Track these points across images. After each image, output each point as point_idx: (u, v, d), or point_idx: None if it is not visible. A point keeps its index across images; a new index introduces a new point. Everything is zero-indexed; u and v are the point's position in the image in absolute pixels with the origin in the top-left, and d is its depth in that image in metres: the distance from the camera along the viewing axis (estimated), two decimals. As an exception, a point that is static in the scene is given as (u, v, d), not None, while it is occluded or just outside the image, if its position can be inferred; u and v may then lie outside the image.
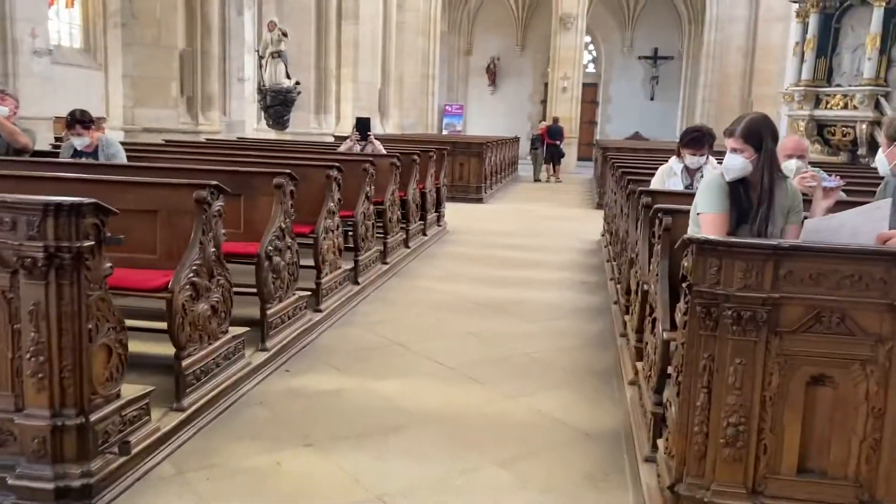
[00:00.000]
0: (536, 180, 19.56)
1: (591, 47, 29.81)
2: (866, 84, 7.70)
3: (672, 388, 2.65)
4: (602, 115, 30.23)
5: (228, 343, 3.70)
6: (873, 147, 7.95)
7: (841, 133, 8.21)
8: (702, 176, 4.50)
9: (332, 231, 5.28)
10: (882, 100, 7.71)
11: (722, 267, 2.20)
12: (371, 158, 6.47)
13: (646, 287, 3.65)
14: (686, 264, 2.36)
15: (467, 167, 13.24)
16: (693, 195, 3.13)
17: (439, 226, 9.31)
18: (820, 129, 8.48)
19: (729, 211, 2.81)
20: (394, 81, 21.99)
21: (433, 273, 6.98)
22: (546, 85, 29.33)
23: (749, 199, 2.81)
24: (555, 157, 19.33)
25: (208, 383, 3.48)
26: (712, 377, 2.27)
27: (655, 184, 4.66)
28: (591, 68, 29.68)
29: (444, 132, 27.40)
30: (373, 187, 6.21)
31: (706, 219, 2.84)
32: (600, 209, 12.61)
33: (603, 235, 9.00)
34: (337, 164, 5.43)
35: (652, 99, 29.73)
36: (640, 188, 4.65)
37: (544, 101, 29.58)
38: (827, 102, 8.26)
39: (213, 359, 3.54)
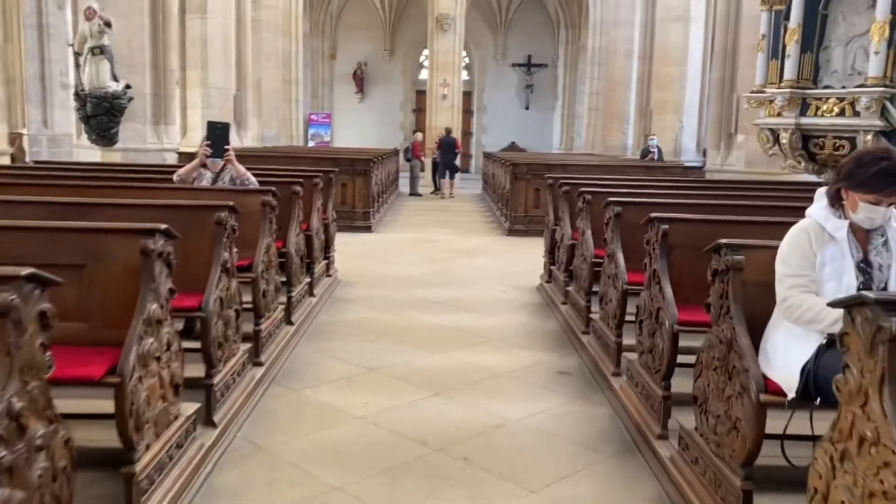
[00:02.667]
0: (413, 194, 17.48)
1: (462, 54, 28.17)
2: (872, 84, 6.06)
3: None
4: (477, 124, 28.68)
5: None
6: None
7: (832, 146, 6.61)
8: (885, 242, 2.44)
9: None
10: (889, 105, 6.18)
11: None
12: (230, 201, 3.91)
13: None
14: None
15: (351, 189, 10.83)
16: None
17: (329, 275, 6.87)
18: (805, 142, 6.85)
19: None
20: (251, 87, 19.09)
21: (330, 372, 4.55)
22: (418, 93, 27.42)
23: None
24: (450, 171, 17.33)
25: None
26: None
27: (793, 259, 2.51)
28: (464, 76, 28.00)
29: (311, 144, 24.67)
30: (232, 251, 3.70)
31: None
32: (513, 236, 10.63)
33: (548, 282, 6.90)
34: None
35: (527, 108, 28.54)
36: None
37: (417, 111, 27.63)
38: (817, 108, 6.63)
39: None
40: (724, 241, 2.86)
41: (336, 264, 7.44)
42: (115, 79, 10.83)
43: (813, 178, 7.48)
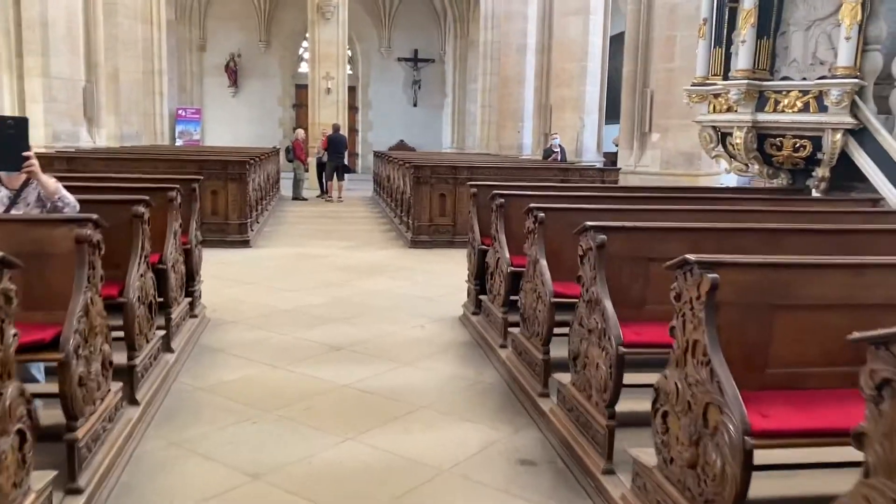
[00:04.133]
0: (297, 198, 15.89)
1: (346, 46, 26.53)
2: (843, 75, 5.20)
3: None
4: (363, 121, 27.17)
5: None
6: (845, 168, 5.57)
7: (792, 146, 5.74)
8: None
9: None
10: (858, 99, 5.35)
11: None
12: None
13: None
14: None
15: (224, 197, 9.15)
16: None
17: (194, 315, 5.28)
18: (760, 142, 5.94)
19: None
20: (105, 78, 16.72)
21: (189, 488, 3.06)
22: (298, 87, 25.56)
23: None
24: (339, 172, 15.79)
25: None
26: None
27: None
28: (348, 70, 26.34)
29: (179, 142, 22.32)
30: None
31: None
32: (418, 248, 9.35)
33: (475, 313, 5.63)
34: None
35: (415, 105, 27.31)
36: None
37: (297, 106, 25.78)
38: (776, 103, 5.73)
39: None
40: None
41: (205, 297, 5.86)
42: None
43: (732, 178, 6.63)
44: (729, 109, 6.09)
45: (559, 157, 13.75)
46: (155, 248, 4.27)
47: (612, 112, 14.95)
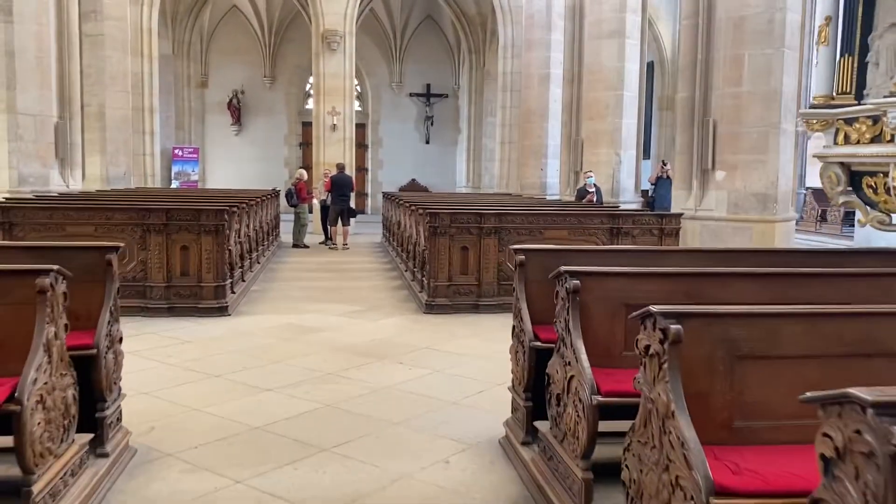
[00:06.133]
0: (297, 246, 14.26)
1: (355, 82, 25.10)
2: None
3: None
4: (373, 160, 25.65)
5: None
6: None
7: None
8: None
9: None
10: None
11: None
12: None
13: None
14: None
15: (196, 253, 7.43)
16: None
17: (104, 454, 3.48)
18: (853, 179, 4.18)
19: None
20: (90, 115, 15.29)
21: None
22: (304, 125, 24.11)
23: None
24: (344, 216, 14.13)
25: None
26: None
27: None
28: (356, 106, 24.86)
29: (175, 184, 20.80)
30: None
31: None
32: (435, 314, 7.60)
33: (527, 443, 3.78)
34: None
35: (428, 142, 25.77)
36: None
37: (304, 144, 24.32)
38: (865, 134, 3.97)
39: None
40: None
41: (142, 401, 4.08)
42: None
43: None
44: (875, 139, 4.32)
45: (595, 199, 12.01)
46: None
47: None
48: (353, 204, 14.99)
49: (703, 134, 8.81)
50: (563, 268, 3.16)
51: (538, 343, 3.68)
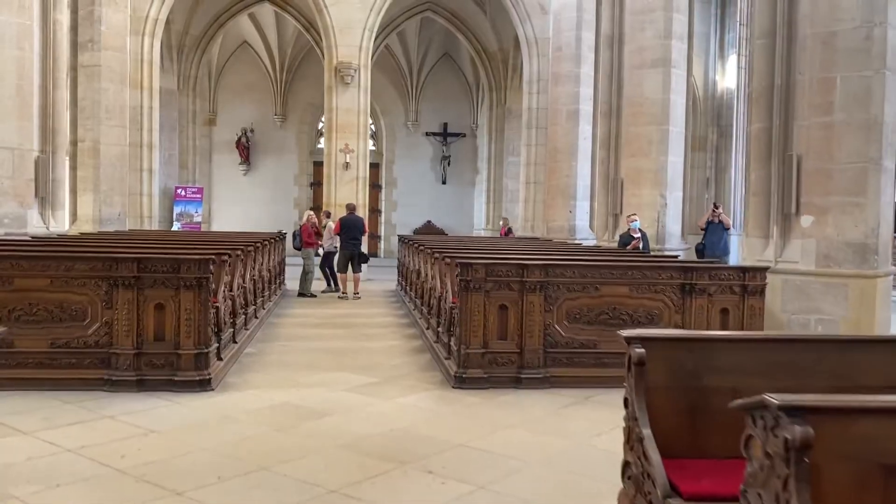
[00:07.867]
0: (303, 294, 12.93)
1: (369, 120, 24.01)
2: None
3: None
4: (386, 200, 24.41)
5: None
6: None
7: None
8: None
9: None
10: None
11: None
12: None
13: None
14: None
15: (173, 312, 6.01)
16: None
17: None
18: None
19: None
20: (85, 151, 14.11)
21: None
22: (316, 165, 22.94)
23: None
24: (354, 261, 12.75)
25: None
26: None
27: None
28: (370, 145, 23.69)
29: (177, 226, 19.54)
30: None
31: None
32: (466, 389, 6.11)
33: None
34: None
35: (444, 182, 24.53)
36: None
37: (315, 185, 23.12)
38: None
39: None
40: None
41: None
42: None
43: None
44: None
45: (641, 245, 10.57)
46: None
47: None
48: (364, 248, 13.62)
49: (785, 171, 7.39)
50: (770, 397, 1.70)
51: (677, 502, 2.21)
